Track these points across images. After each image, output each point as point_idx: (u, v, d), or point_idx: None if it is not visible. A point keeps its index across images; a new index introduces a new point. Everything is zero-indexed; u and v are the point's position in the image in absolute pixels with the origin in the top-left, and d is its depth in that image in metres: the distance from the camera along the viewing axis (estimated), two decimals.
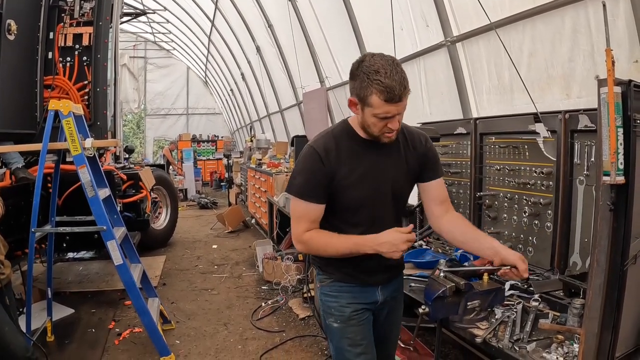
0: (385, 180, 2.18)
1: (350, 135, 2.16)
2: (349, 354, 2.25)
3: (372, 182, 2.15)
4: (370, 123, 2.02)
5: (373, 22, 6.16)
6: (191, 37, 18.53)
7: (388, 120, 1.97)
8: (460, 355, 3.93)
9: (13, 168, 4.80)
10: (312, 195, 2.11)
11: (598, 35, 3.09)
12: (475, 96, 4.57)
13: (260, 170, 9.46)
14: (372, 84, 1.90)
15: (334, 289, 2.30)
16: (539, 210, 3.16)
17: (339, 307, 2.27)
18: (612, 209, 1.90)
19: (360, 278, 2.26)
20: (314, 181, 2.10)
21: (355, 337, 2.25)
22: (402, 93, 1.89)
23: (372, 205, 2.18)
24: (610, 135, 1.86)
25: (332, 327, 2.30)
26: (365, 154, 2.15)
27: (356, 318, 2.26)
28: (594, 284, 1.94)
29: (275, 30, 10.23)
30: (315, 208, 2.14)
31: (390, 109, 1.92)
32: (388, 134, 2.04)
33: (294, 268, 6.11)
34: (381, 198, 2.20)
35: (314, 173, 2.10)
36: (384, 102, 1.90)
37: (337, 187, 2.12)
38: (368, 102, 1.94)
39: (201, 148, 21.81)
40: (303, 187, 2.13)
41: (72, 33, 5.31)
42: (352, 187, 2.12)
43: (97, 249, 7.16)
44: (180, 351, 4.39)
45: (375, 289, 2.31)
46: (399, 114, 1.97)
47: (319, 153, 2.09)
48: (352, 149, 2.14)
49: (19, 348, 3.09)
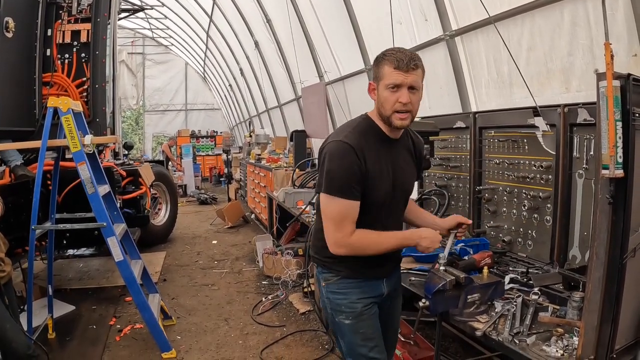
0: (399, 178, 2.28)
1: (375, 131, 2.22)
2: (363, 349, 2.29)
3: (390, 180, 2.23)
4: (383, 99, 2.11)
5: (372, 16, 6.15)
6: (189, 33, 18.47)
7: (399, 94, 2.06)
8: (460, 349, 3.94)
9: (12, 165, 4.79)
10: (355, 192, 2.12)
11: (597, 29, 3.08)
12: (474, 90, 4.57)
13: (259, 165, 9.47)
14: (384, 58, 2.10)
15: (343, 286, 2.31)
16: (538, 203, 3.16)
17: (349, 304, 2.29)
18: (611, 202, 1.90)
19: (366, 273, 2.30)
20: (355, 177, 2.10)
21: (367, 331, 2.30)
22: (410, 63, 2.03)
23: (390, 202, 2.27)
24: (609, 129, 1.86)
25: (343, 324, 2.31)
26: (385, 151, 2.23)
27: (367, 313, 2.31)
28: (594, 277, 1.95)
29: (273, 25, 10.20)
30: (355, 206, 2.14)
31: (399, 77, 2.04)
32: (399, 115, 2.11)
33: (294, 263, 6.12)
34: (397, 195, 2.30)
35: (353, 169, 2.10)
36: (393, 69, 2.04)
37: (367, 184, 2.15)
38: (381, 74, 2.10)
39: (200, 144, 21.80)
40: (345, 184, 2.10)
41: (70, 30, 5.31)
42: (377, 184, 2.18)
43: (97, 246, 7.21)
44: (182, 347, 4.40)
45: (380, 282, 2.37)
46: (409, 86, 2.06)
47: (354, 148, 2.10)
48: (376, 146, 2.20)
49: (21, 345, 3.10)
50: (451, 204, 4.03)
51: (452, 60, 4.70)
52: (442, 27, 4.73)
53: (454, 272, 2.38)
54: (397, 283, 2.55)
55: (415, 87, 2.08)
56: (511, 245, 3.40)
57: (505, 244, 3.41)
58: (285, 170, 7.89)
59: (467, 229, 2.46)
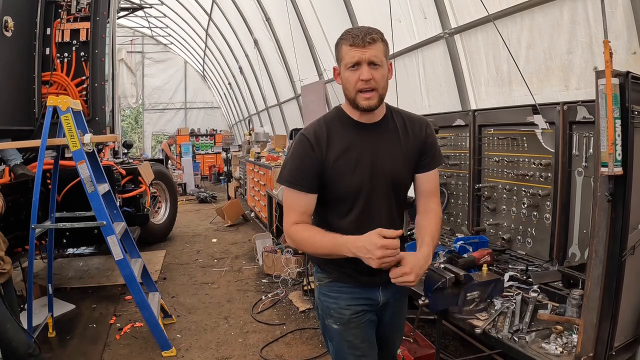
0: (382, 167, 2.08)
1: (343, 120, 2.10)
2: (349, 357, 2.18)
3: (367, 170, 2.05)
4: (345, 80, 2.00)
5: (371, 14, 6.15)
6: (188, 31, 18.47)
7: (359, 72, 1.94)
8: (460, 346, 3.95)
9: (12, 165, 4.79)
10: (302, 184, 2.03)
11: (596, 26, 3.08)
12: (473, 88, 4.57)
13: (259, 163, 9.46)
14: (341, 38, 1.99)
15: (334, 289, 2.20)
16: (537, 201, 3.17)
17: (338, 309, 2.18)
18: (610, 200, 1.90)
19: (359, 279, 2.14)
20: (303, 169, 2.03)
21: (354, 341, 2.17)
22: (365, 37, 1.91)
23: (367, 196, 2.07)
24: (608, 127, 1.86)
25: (332, 328, 2.21)
26: (360, 138, 2.07)
27: (356, 321, 2.17)
28: (593, 275, 1.95)
29: (273, 23, 10.20)
30: (304, 198, 2.06)
31: (356, 54, 1.92)
32: (363, 94, 1.97)
33: (293, 261, 6.13)
34: (378, 188, 2.08)
35: (303, 160, 2.03)
36: (349, 47, 1.94)
37: (329, 176, 2.04)
38: (340, 56, 2.00)
39: (200, 142, 21.80)
40: (292, 175, 2.04)
41: (69, 29, 5.29)
42: (345, 175, 2.04)
43: (97, 245, 7.21)
44: (182, 345, 4.41)
45: (375, 290, 2.20)
46: (368, 62, 1.93)
47: (309, 139, 2.04)
48: (344, 134, 2.07)
49: (21, 344, 3.10)
50: (451, 202, 4.04)
51: (451, 58, 4.70)
52: (441, 25, 4.73)
53: (453, 270, 2.39)
54: (400, 293, 2.30)
55: (375, 62, 1.94)
56: (510, 242, 3.41)
57: (504, 241, 3.42)
58: None
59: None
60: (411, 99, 5.44)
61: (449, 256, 2.82)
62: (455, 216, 4.06)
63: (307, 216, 2.09)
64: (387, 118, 2.14)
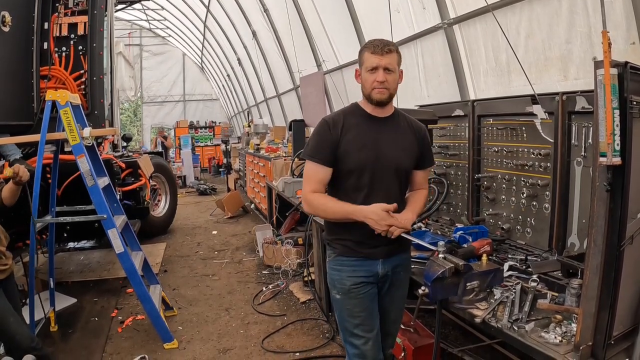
0: (386, 152, 2.47)
1: (358, 112, 2.54)
2: (348, 324, 2.53)
3: (373, 151, 2.45)
4: (364, 80, 2.45)
5: (370, 4, 6.13)
6: (186, 23, 18.40)
7: (376, 74, 2.38)
8: (460, 336, 3.98)
9: (11, 160, 4.79)
10: (320, 157, 2.44)
11: (595, 16, 3.08)
12: (472, 78, 4.57)
13: (258, 155, 9.46)
14: (365, 47, 2.46)
15: (337, 263, 2.55)
16: (537, 191, 3.18)
17: (340, 280, 2.53)
18: (609, 189, 1.91)
19: (360, 252, 2.49)
20: (322, 144, 2.45)
21: (353, 309, 2.51)
22: (384, 48, 2.36)
23: (372, 171, 2.45)
24: (606, 117, 1.86)
25: (336, 299, 2.57)
26: (370, 128, 2.49)
27: (355, 291, 2.50)
28: (592, 265, 1.96)
29: (271, 14, 10.16)
30: (322, 170, 2.45)
31: (375, 60, 2.36)
32: (377, 89, 2.40)
33: (294, 252, 6.14)
34: (382, 167, 2.46)
35: (322, 139, 2.47)
36: (371, 54, 2.38)
37: (342, 152, 2.43)
38: (362, 60, 2.45)
39: (199, 134, 21.78)
40: (312, 149, 2.48)
41: (67, 23, 5.27)
42: (353, 152, 2.43)
43: (98, 238, 7.23)
44: (183, 337, 4.43)
45: (376, 262, 2.52)
46: (384, 67, 2.36)
47: (328, 123, 2.49)
48: (357, 124, 2.49)
49: (24, 338, 3.13)
50: (450, 192, 4.04)
51: (450, 49, 4.69)
52: (440, 16, 4.72)
53: (453, 260, 2.40)
54: (400, 267, 2.61)
55: (390, 68, 2.37)
56: (510, 232, 3.42)
57: (504, 231, 3.43)
58: (284, 160, 7.87)
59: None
60: (410, 89, 5.44)
61: (448, 246, 2.82)
62: (455, 206, 4.07)
63: (322, 186, 2.50)
64: (395, 115, 2.57)
